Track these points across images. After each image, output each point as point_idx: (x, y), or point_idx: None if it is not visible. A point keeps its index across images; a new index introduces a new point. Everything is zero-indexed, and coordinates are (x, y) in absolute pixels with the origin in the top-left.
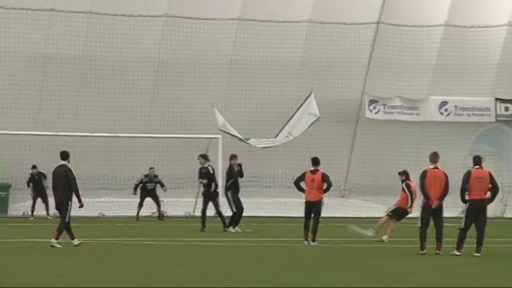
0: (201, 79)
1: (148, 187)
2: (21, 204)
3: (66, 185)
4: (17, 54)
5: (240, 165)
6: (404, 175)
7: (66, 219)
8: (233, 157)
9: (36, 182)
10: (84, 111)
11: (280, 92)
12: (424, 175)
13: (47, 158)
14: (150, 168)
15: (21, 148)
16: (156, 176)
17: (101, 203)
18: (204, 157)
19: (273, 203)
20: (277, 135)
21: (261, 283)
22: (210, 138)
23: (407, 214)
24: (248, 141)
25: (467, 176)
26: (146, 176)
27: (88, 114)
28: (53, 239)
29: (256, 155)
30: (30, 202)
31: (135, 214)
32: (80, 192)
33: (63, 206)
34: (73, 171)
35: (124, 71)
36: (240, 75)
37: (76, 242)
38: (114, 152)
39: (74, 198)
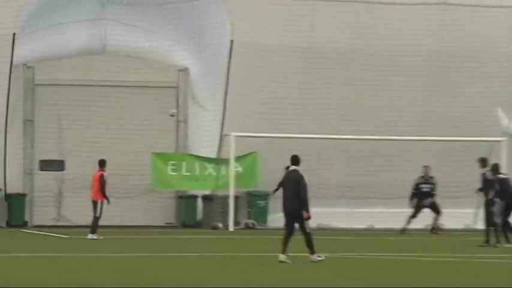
0: (479, 74)
1: (423, 189)
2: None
3: (296, 193)
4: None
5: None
6: None
7: (307, 231)
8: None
9: None
10: (350, 110)
11: None
12: None
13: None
14: (424, 166)
15: (280, 152)
16: (432, 178)
17: (370, 213)
18: (482, 161)
19: None
20: None
21: None
22: (492, 141)
23: None
24: None
25: None
26: (422, 177)
27: (354, 114)
28: (312, 256)
29: None
30: None
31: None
32: (344, 201)
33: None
34: (304, 178)
35: (394, 66)
36: None
37: (316, 257)
38: (382, 157)
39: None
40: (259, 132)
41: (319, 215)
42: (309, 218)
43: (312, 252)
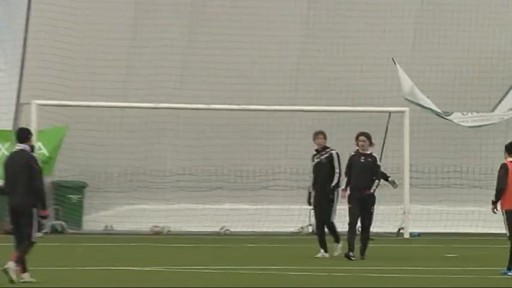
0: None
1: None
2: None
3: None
4: None
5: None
6: None
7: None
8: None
9: None
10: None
11: (498, 45)
12: None
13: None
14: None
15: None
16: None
17: (222, 211)
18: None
19: (476, 212)
20: (494, 108)
21: None
22: (390, 112)
23: None
24: (448, 117)
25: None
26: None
27: (198, 81)
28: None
29: (460, 139)
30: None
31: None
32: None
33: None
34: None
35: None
36: (431, 20)
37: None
38: (244, 133)
39: None
40: (72, 100)
41: (153, 215)
42: (45, 217)
43: (24, 269)
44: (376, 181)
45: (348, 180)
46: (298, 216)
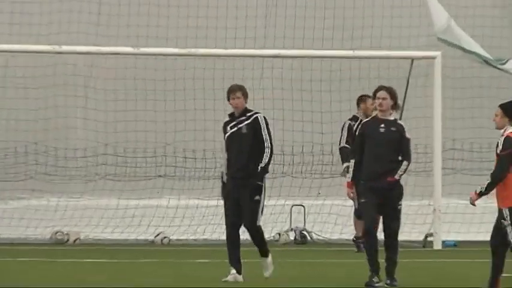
0: None
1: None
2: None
3: None
4: None
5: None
6: None
7: None
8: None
9: None
10: None
11: None
12: None
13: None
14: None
15: None
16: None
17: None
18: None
19: None
20: None
21: None
22: (412, 58)
23: None
24: (502, 66)
25: None
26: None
27: None
28: None
29: None
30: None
31: None
32: None
33: None
34: None
35: None
36: None
37: None
38: None
39: None
40: None
41: (53, 215)
42: None
43: None
44: (405, 163)
45: (357, 161)
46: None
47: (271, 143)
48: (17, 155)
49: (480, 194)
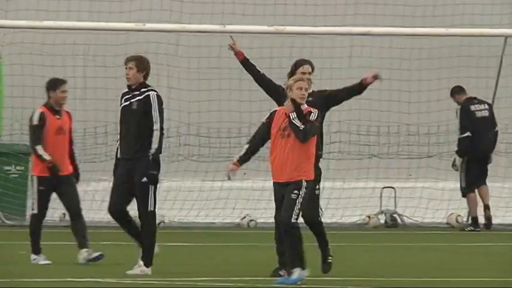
0: None
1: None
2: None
3: None
4: None
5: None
6: None
7: None
8: None
9: None
10: None
11: None
12: None
13: None
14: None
15: None
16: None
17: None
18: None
19: None
20: None
21: None
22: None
23: None
24: None
25: None
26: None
27: None
28: None
29: None
30: None
31: None
32: None
33: None
34: None
35: None
36: None
37: None
38: None
39: None
40: None
41: None
42: None
43: None
44: None
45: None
46: None
47: (161, 126)
48: (97, 136)
49: None
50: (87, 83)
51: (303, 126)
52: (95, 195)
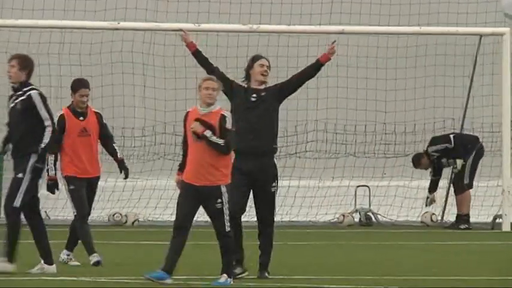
0: None
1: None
2: None
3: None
4: None
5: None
6: None
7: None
8: None
9: None
10: None
11: None
12: None
13: None
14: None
15: None
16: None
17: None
18: None
19: None
20: None
21: None
22: (481, 35)
23: None
24: None
25: None
26: None
27: None
28: None
29: None
30: None
31: None
32: None
33: None
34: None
35: None
36: None
37: None
38: None
39: None
40: None
41: None
42: None
43: None
44: None
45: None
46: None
47: (53, 121)
48: None
49: None
50: (62, 82)
51: (222, 142)
52: None
